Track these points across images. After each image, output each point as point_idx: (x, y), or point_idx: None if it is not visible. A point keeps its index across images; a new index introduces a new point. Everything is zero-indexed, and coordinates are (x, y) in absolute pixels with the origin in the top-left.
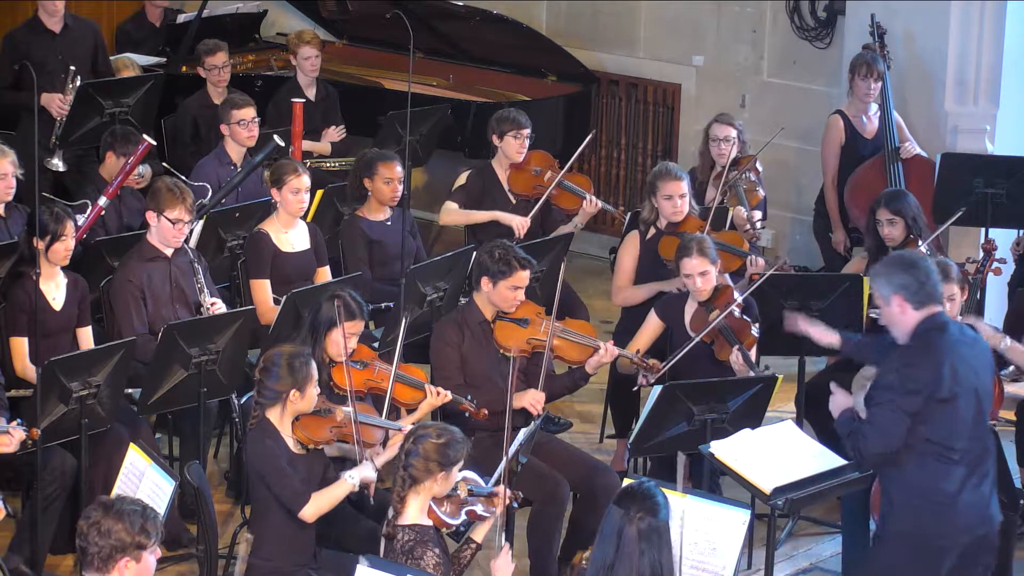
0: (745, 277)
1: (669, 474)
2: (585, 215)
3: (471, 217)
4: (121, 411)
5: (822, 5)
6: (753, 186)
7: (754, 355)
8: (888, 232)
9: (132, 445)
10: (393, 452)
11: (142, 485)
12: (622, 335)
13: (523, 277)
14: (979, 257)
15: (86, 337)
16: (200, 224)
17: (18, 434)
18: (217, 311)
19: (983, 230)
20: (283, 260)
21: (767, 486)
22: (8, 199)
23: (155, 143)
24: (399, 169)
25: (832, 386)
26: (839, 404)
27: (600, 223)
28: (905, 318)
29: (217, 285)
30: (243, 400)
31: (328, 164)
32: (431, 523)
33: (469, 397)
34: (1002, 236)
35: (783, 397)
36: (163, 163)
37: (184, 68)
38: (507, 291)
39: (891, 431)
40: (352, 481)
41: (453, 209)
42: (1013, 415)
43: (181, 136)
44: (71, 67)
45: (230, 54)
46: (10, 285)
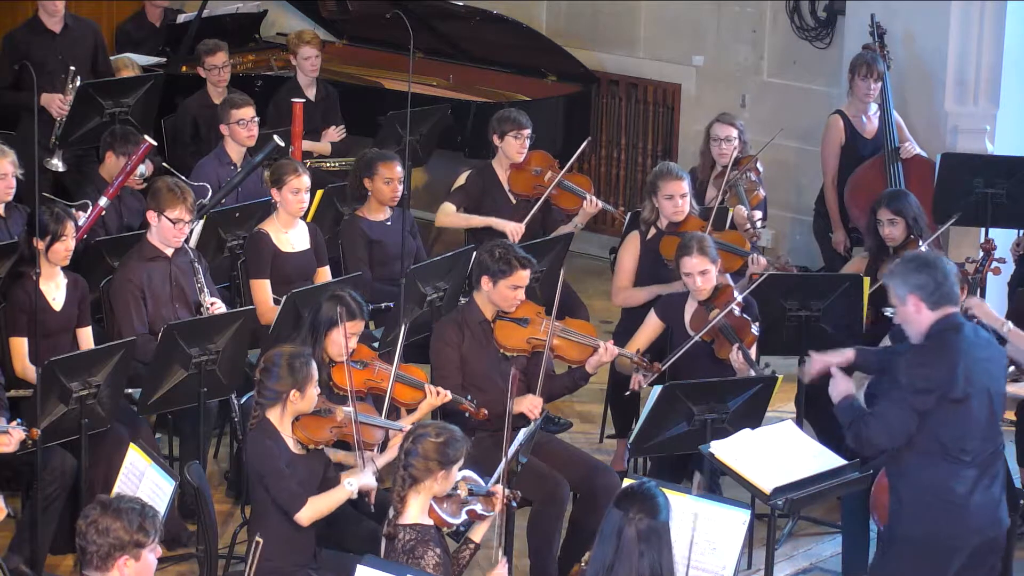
0: (746, 277)
1: (670, 474)
2: (585, 215)
3: (469, 221)
4: (121, 411)
5: (822, 5)
6: (754, 186)
7: (754, 354)
8: (889, 232)
9: (132, 445)
10: (393, 454)
11: (142, 485)
12: (622, 335)
13: (523, 276)
14: (978, 257)
15: (86, 337)
16: (200, 224)
17: (18, 434)
18: (217, 311)
19: (983, 230)
20: (283, 260)
21: (767, 486)
22: (8, 199)
23: (155, 143)
24: (399, 169)
25: (833, 370)
26: (840, 390)
27: (600, 223)
28: (920, 318)
29: (217, 285)
30: (243, 400)
31: (328, 164)
32: (432, 522)
33: (469, 397)
34: (1002, 236)
35: (783, 397)
36: (163, 163)
37: (184, 68)
38: (507, 290)
39: (897, 427)
40: (351, 488)
41: (450, 212)
42: (1013, 415)
43: (181, 136)
44: (71, 67)
45: (230, 54)
46: (10, 285)
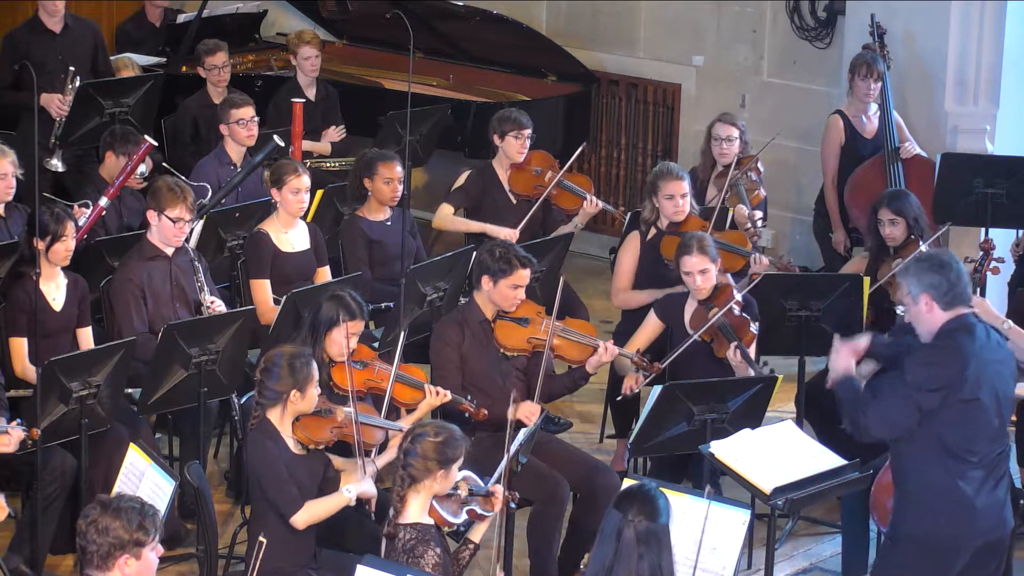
0: (747, 276)
1: (670, 474)
2: (585, 215)
3: (465, 226)
4: (121, 411)
5: (822, 5)
6: (755, 186)
7: (753, 353)
8: (889, 232)
9: (132, 445)
10: (392, 454)
11: (142, 485)
12: (622, 335)
13: (523, 276)
14: (977, 256)
15: (86, 337)
16: (200, 224)
17: (18, 434)
18: (217, 311)
19: (983, 230)
20: (283, 260)
21: (767, 486)
22: (8, 199)
23: (155, 143)
24: (399, 169)
25: (836, 340)
26: (840, 367)
27: (600, 223)
28: (932, 317)
29: (217, 285)
30: (243, 400)
31: (328, 164)
32: (432, 522)
33: (469, 397)
34: (1002, 236)
35: (783, 397)
36: (163, 163)
37: (184, 68)
38: (508, 290)
39: (897, 421)
40: (349, 495)
41: (447, 215)
42: (1013, 415)
43: (181, 136)
44: (71, 67)
45: (230, 54)
46: (10, 285)
